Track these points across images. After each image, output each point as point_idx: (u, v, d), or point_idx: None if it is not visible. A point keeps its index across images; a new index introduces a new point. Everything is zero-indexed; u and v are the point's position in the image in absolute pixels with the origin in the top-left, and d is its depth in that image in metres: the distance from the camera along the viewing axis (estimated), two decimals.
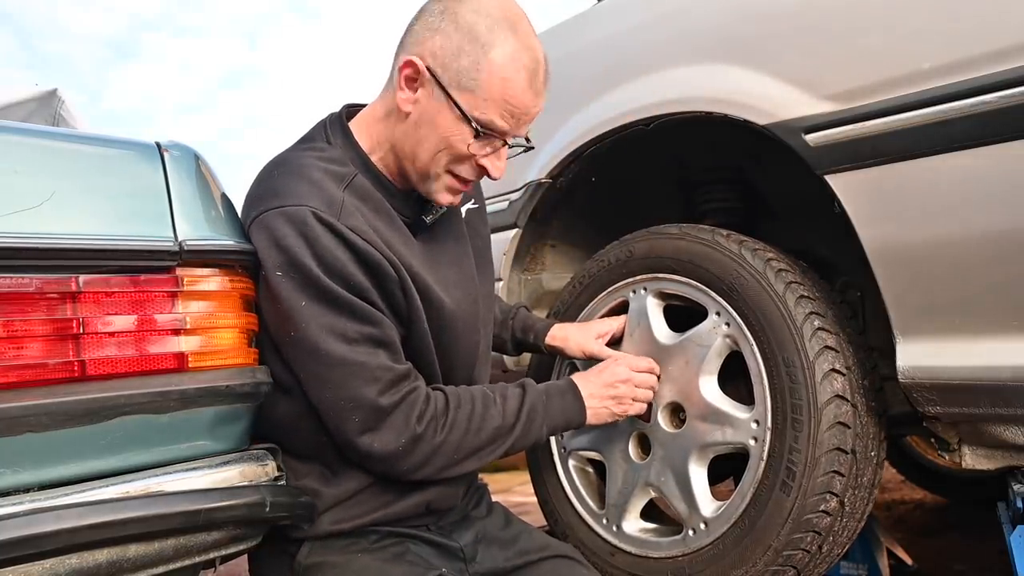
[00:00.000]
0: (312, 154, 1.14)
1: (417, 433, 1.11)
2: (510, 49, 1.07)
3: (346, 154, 1.16)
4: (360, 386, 1.08)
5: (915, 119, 1.09)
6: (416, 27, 1.12)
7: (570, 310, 1.61)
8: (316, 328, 1.07)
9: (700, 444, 1.35)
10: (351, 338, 1.08)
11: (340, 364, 1.07)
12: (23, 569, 0.85)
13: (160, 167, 1.04)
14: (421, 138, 1.11)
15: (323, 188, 1.09)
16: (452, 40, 1.07)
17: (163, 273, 1.01)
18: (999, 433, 1.18)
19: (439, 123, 1.09)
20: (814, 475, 1.22)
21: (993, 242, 1.07)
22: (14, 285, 0.90)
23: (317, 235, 1.05)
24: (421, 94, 1.10)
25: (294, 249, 1.05)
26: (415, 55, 1.09)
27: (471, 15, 1.07)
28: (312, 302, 1.07)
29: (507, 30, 1.08)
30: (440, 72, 1.08)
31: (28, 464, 0.90)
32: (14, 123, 1.10)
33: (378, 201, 1.15)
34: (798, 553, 1.25)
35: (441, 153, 1.11)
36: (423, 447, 1.12)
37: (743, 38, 1.33)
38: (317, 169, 1.11)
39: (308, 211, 1.05)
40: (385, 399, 1.09)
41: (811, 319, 1.27)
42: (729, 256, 1.35)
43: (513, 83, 1.08)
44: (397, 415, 1.10)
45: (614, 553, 1.46)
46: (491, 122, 1.09)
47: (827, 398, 1.23)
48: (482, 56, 1.06)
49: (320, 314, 1.07)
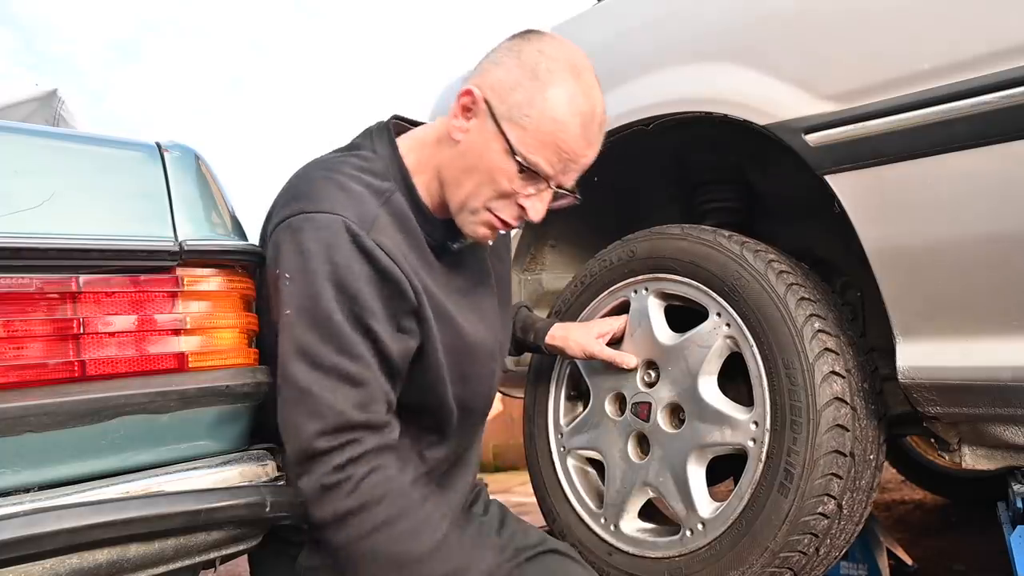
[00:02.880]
0: (355, 161, 1.12)
1: (327, 483, 1.01)
2: (567, 92, 1.05)
3: (389, 169, 1.13)
4: (304, 418, 1.02)
5: (915, 119, 1.09)
6: (483, 62, 1.12)
7: (571, 309, 1.61)
8: (291, 342, 1.03)
9: (699, 444, 1.35)
10: (320, 365, 1.02)
11: (295, 387, 1.02)
12: (23, 569, 0.85)
13: (160, 167, 1.04)
14: (467, 167, 1.09)
15: (360, 201, 1.06)
16: (512, 73, 1.07)
17: (163, 273, 1.01)
18: (999, 433, 1.18)
19: (486, 155, 1.07)
20: (812, 477, 1.22)
21: (993, 242, 1.07)
22: (14, 285, 0.90)
23: (340, 244, 1.02)
24: (474, 124, 1.09)
25: (312, 256, 1.02)
26: (474, 84, 1.09)
27: (535, 54, 1.07)
28: (301, 315, 1.02)
29: (568, 73, 1.07)
30: (495, 103, 1.07)
31: (28, 464, 0.90)
32: (14, 123, 1.10)
33: (410, 222, 1.12)
34: (795, 555, 1.25)
35: (484, 186, 1.08)
36: (330, 502, 1.02)
37: (743, 38, 1.33)
38: (358, 180, 1.08)
39: (340, 220, 1.03)
40: (321, 441, 1.01)
41: (812, 321, 1.27)
42: (731, 257, 1.35)
43: (565, 126, 1.05)
44: (322, 461, 1.02)
45: (612, 553, 1.46)
46: (537, 163, 1.06)
47: (826, 400, 1.23)
48: (537, 93, 1.05)
49: (303, 331, 1.02)
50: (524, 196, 1.09)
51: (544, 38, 1.10)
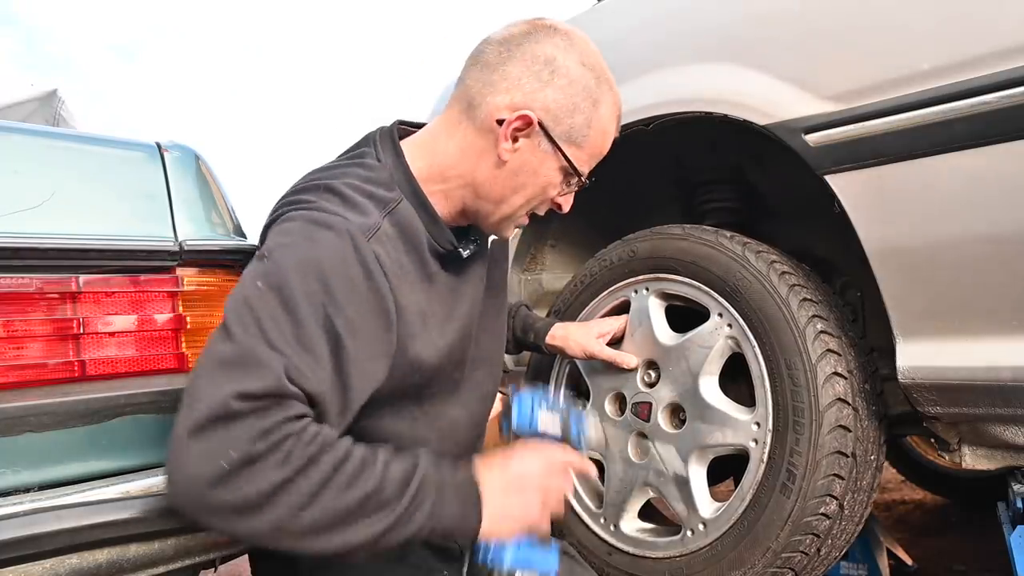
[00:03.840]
0: (359, 171, 1.07)
1: (253, 453, 0.82)
2: (610, 102, 1.09)
3: (394, 177, 1.08)
4: (225, 376, 0.84)
5: (915, 119, 1.09)
6: (513, 69, 1.05)
7: (570, 309, 1.61)
8: (243, 306, 0.88)
9: (700, 445, 1.35)
10: (267, 338, 0.86)
11: (224, 348, 0.86)
12: (23, 569, 0.85)
13: (160, 167, 1.04)
14: (518, 185, 1.08)
15: (363, 211, 1.01)
16: (567, 95, 1.05)
17: (163, 273, 1.01)
18: (999, 433, 1.18)
19: (541, 173, 1.08)
20: (814, 478, 1.22)
21: (993, 242, 1.07)
22: (15, 285, 0.90)
23: (335, 243, 0.94)
24: (524, 144, 1.06)
25: (297, 240, 0.93)
26: (525, 108, 1.04)
27: (580, 69, 1.06)
28: (264, 292, 0.89)
29: (606, 83, 1.08)
30: (552, 127, 1.05)
31: (28, 464, 0.90)
32: (14, 123, 1.10)
33: (416, 232, 1.08)
34: (796, 555, 1.25)
35: (533, 199, 1.11)
36: (255, 478, 0.82)
37: (743, 38, 1.33)
38: (361, 191, 1.03)
39: (341, 221, 0.96)
40: (240, 403, 0.82)
41: (814, 322, 1.27)
42: (733, 258, 1.35)
43: (610, 135, 1.11)
44: (240, 424, 0.82)
45: (611, 553, 1.46)
46: (585, 171, 1.11)
47: (829, 401, 1.23)
48: (593, 112, 1.07)
49: (261, 303, 0.88)
50: (559, 196, 1.13)
51: (574, 42, 1.07)
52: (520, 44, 1.07)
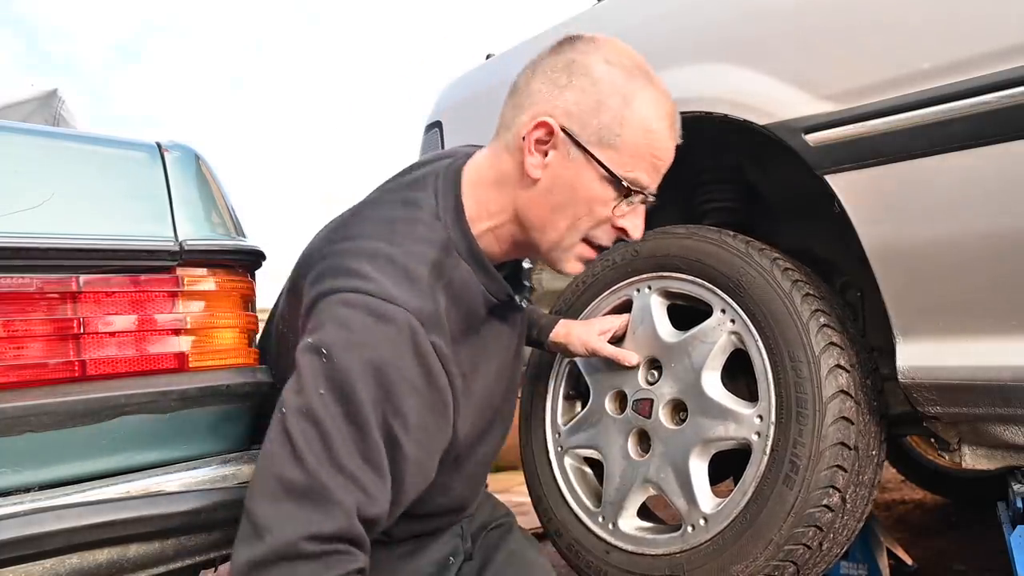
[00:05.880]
0: (421, 231, 1.00)
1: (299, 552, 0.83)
2: (650, 98, 0.98)
3: (452, 234, 1.01)
4: (296, 508, 0.84)
5: (915, 119, 1.09)
6: (535, 85, 1.00)
7: (572, 308, 1.61)
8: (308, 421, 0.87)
9: (702, 440, 1.35)
10: (337, 462, 0.86)
11: (302, 475, 0.85)
12: (24, 569, 0.85)
13: (161, 167, 1.04)
14: (557, 205, 0.99)
15: (421, 289, 0.95)
16: (588, 95, 0.97)
17: (163, 273, 1.01)
18: (999, 433, 1.19)
19: (579, 186, 0.98)
20: (818, 469, 1.22)
21: (993, 242, 1.07)
22: (15, 285, 0.90)
23: (397, 341, 0.90)
24: (553, 157, 0.98)
25: (359, 338, 0.89)
26: (544, 115, 0.97)
27: (603, 66, 0.97)
28: (330, 402, 0.87)
29: (642, 78, 0.99)
30: (578, 131, 0.97)
31: (28, 464, 0.90)
32: (14, 123, 1.10)
33: (472, 296, 1.03)
34: (799, 548, 1.25)
35: (582, 220, 1.00)
36: None
37: (743, 38, 1.33)
38: (422, 259, 0.97)
39: (403, 315, 0.91)
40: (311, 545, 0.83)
41: (816, 316, 1.28)
42: (736, 254, 1.36)
43: (657, 134, 0.99)
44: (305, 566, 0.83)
45: (610, 551, 1.46)
46: (637, 179, 0.99)
47: (832, 392, 1.24)
48: (624, 108, 0.97)
49: (329, 418, 0.86)
50: (620, 217, 1.02)
51: (598, 44, 1.00)
52: (543, 60, 1.02)
